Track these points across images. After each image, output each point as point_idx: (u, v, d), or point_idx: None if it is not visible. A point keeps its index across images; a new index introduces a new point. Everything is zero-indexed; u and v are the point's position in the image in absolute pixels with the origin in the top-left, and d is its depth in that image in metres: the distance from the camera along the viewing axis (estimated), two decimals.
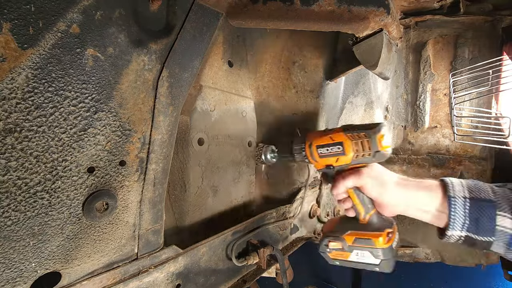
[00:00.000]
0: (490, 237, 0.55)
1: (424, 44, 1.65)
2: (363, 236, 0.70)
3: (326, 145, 0.72)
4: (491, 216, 0.54)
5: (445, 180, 0.62)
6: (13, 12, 0.42)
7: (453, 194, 0.58)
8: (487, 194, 0.56)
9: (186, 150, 0.85)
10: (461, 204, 0.56)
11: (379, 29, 0.73)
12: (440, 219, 0.61)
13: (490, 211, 0.54)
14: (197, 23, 0.67)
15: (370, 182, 0.65)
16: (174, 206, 0.89)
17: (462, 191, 0.58)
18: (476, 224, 0.55)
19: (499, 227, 0.53)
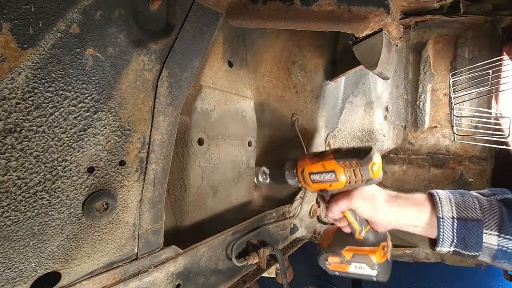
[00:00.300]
0: (476, 252, 0.59)
1: (424, 44, 1.65)
2: (361, 252, 0.76)
3: (319, 172, 0.73)
4: (478, 235, 0.58)
5: (433, 197, 0.64)
6: (13, 12, 0.42)
7: (441, 215, 0.61)
8: (474, 212, 0.59)
9: (186, 150, 0.85)
10: (449, 225, 0.60)
11: (379, 29, 0.73)
12: (430, 233, 0.65)
13: (477, 230, 0.58)
14: (197, 23, 0.67)
15: (361, 204, 0.70)
16: (174, 206, 0.89)
17: (450, 210, 0.61)
18: (463, 242, 0.60)
19: (485, 244, 0.57)
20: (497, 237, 0.56)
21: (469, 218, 0.59)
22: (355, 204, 0.70)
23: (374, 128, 1.57)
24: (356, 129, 1.50)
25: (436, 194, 0.64)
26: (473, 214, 0.59)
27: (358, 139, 1.54)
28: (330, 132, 1.30)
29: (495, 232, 0.56)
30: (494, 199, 0.60)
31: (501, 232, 0.56)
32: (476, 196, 0.62)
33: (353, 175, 0.68)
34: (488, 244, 0.57)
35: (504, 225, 0.55)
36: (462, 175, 1.56)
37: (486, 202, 0.59)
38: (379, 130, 1.61)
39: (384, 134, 1.66)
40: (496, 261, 0.59)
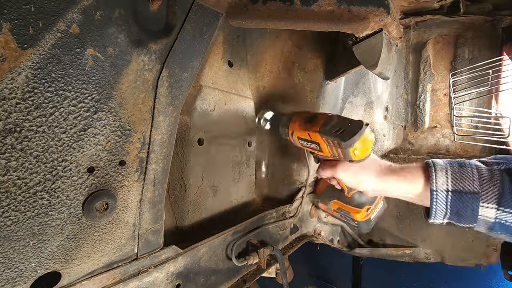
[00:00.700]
0: (471, 224, 0.56)
1: (424, 44, 1.65)
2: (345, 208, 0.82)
3: (305, 139, 0.74)
4: (474, 208, 0.54)
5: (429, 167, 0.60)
6: (13, 12, 0.42)
7: (435, 187, 0.57)
8: (472, 183, 0.55)
9: (186, 150, 0.85)
10: (443, 198, 0.56)
11: (379, 29, 0.73)
12: (422, 202, 0.62)
13: (472, 203, 0.54)
14: (197, 23, 0.67)
15: (344, 177, 0.71)
16: (174, 206, 0.89)
17: (445, 182, 0.56)
18: (457, 215, 0.56)
19: (481, 216, 0.54)
20: (496, 210, 0.53)
21: (464, 190, 0.55)
22: (338, 175, 0.71)
23: (374, 128, 1.57)
24: None
25: (432, 165, 0.59)
26: (470, 186, 0.55)
27: None
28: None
29: (493, 205, 0.53)
30: (497, 168, 0.55)
31: (500, 205, 0.52)
32: (476, 166, 0.57)
33: (335, 152, 0.67)
34: (484, 217, 0.54)
35: (504, 198, 0.52)
36: None
37: (486, 173, 0.55)
38: (379, 130, 1.61)
39: (384, 134, 1.66)
40: (492, 232, 0.56)
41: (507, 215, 0.52)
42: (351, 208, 0.82)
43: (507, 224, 0.52)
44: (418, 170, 0.62)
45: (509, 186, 0.52)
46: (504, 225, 0.53)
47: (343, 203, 0.84)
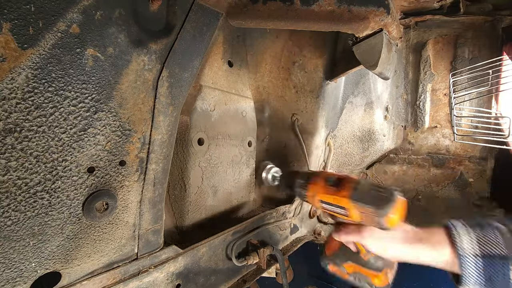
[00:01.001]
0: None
1: (424, 44, 1.65)
2: (362, 272, 0.73)
3: (330, 203, 0.69)
4: (506, 273, 0.53)
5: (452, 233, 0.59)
6: (13, 12, 0.42)
7: (463, 252, 0.56)
8: (499, 247, 0.54)
9: (186, 150, 0.85)
10: (473, 264, 0.55)
11: (379, 29, 0.73)
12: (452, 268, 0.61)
13: (504, 269, 0.53)
14: (197, 23, 0.67)
15: (372, 243, 0.67)
16: (174, 206, 0.89)
17: (472, 248, 0.56)
18: (490, 281, 0.55)
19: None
20: None
21: (494, 255, 0.54)
22: (365, 242, 0.67)
23: (374, 128, 1.57)
24: (356, 129, 1.50)
25: (454, 228, 0.58)
26: (498, 250, 0.54)
27: (358, 139, 1.54)
28: (330, 132, 1.30)
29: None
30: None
31: None
32: (497, 227, 0.57)
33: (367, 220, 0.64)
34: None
35: None
36: (462, 175, 1.56)
37: (509, 235, 0.55)
38: (379, 130, 1.61)
39: (384, 134, 1.66)
40: None
41: None
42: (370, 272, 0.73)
43: None
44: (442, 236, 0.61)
45: None
46: None
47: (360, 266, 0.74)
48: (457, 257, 0.56)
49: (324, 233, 1.46)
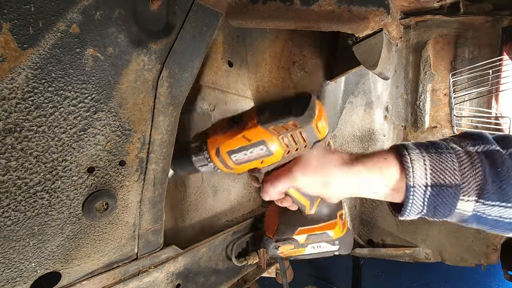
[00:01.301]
0: (444, 218, 0.50)
1: (424, 44, 1.65)
2: (317, 231, 0.61)
3: (242, 148, 0.51)
4: (452, 202, 0.47)
5: (403, 157, 0.49)
6: (13, 12, 0.42)
7: (413, 183, 0.47)
8: (453, 175, 0.46)
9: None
10: (421, 194, 0.48)
11: (379, 29, 0.73)
12: (393, 198, 0.52)
13: (452, 197, 0.47)
14: (197, 23, 0.67)
15: (307, 181, 0.53)
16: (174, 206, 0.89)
17: (424, 176, 0.47)
18: (434, 211, 0.49)
19: (458, 210, 0.48)
20: (475, 202, 0.46)
21: (445, 184, 0.46)
22: (299, 181, 0.53)
23: (374, 128, 1.57)
24: (356, 129, 1.50)
25: (407, 155, 0.48)
26: (451, 179, 0.46)
27: (358, 139, 1.54)
28: (330, 132, 1.30)
29: (473, 198, 0.46)
30: (475, 151, 0.47)
31: (480, 197, 0.45)
32: (454, 150, 0.48)
33: (292, 141, 0.50)
34: (462, 211, 0.47)
35: (486, 190, 0.45)
36: None
37: (466, 159, 0.47)
38: (379, 130, 1.61)
39: (384, 134, 1.66)
40: (464, 223, 0.50)
41: (487, 208, 0.46)
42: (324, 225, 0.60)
43: (483, 216, 0.47)
44: (390, 158, 0.51)
45: (490, 174, 0.45)
46: (480, 217, 0.47)
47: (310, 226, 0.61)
48: (404, 185, 0.48)
49: None
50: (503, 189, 0.44)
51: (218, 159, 0.53)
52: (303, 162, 0.53)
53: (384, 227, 1.73)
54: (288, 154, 0.52)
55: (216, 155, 0.53)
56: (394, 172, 0.50)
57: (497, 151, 0.46)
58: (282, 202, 0.61)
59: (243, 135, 0.50)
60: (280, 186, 0.55)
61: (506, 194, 0.44)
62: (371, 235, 1.77)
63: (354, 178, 0.52)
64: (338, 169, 0.52)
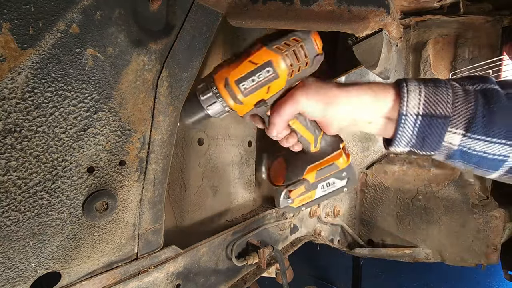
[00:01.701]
0: (432, 152, 0.51)
1: (424, 44, 1.65)
2: (325, 165, 0.62)
3: (250, 73, 0.51)
4: (441, 134, 0.48)
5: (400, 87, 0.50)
6: (13, 12, 0.42)
7: (405, 111, 0.49)
8: (444, 106, 0.48)
9: (186, 150, 0.85)
10: (411, 123, 0.49)
11: (379, 29, 0.73)
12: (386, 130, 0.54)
13: (441, 129, 0.48)
14: (197, 23, 0.67)
15: (310, 103, 0.53)
16: (174, 206, 0.89)
17: (417, 105, 0.48)
18: (422, 142, 0.50)
19: (445, 143, 0.49)
20: (462, 136, 0.47)
21: (436, 114, 0.48)
22: (303, 104, 0.54)
23: None
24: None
25: (405, 85, 0.50)
26: (442, 110, 0.47)
27: (358, 139, 1.54)
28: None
29: (460, 131, 0.47)
30: (473, 89, 0.48)
31: (467, 131, 0.47)
32: (452, 86, 0.49)
33: (295, 58, 0.52)
34: (448, 144, 0.48)
35: (474, 123, 0.46)
36: (462, 175, 1.56)
37: (461, 94, 0.48)
38: None
39: None
40: (450, 160, 0.51)
41: (472, 142, 0.47)
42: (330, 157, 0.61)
43: (469, 151, 0.48)
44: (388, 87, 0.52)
45: (482, 109, 0.46)
46: (465, 153, 0.48)
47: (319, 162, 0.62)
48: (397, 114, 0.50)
49: (324, 233, 1.46)
50: (490, 123, 0.46)
51: (227, 91, 0.53)
52: (305, 86, 0.55)
53: (384, 227, 1.73)
54: (292, 76, 0.53)
55: (225, 87, 0.52)
56: (389, 98, 0.51)
57: (494, 90, 0.48)
58: (288, 139, 0.61)
59: (249, 60, 0.52)
60: (286, 113, 0.55)
61: (492, 129, 0.46)
62: (371, 235, 1.77)
63: (352, 98, 0.53)
64: (337, 90, 0.54)
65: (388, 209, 1.71)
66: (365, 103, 0.52)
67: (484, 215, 1.48)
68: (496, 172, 0.50)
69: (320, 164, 0.62)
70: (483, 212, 1.48)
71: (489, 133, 0.46)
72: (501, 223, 1.47)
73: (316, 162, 0.63)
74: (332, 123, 0.57)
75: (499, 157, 0.47)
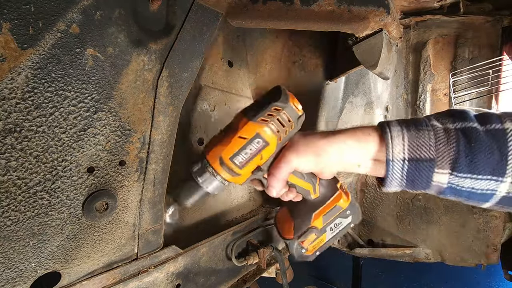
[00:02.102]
0: (424, 190, 0.54)
1: (424, 44, 1.65)
2: (328, 209, 0.65)
3: (242, 148, 0.54)
4: (428, 175, 0.52)
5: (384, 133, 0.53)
6: (13, 12, 0.42)
7: (391, 157, 0.52)
8: (428, 150, 0.51)
9: (186, 150, 0.85)
10: (399, 167, 0.53)
11: (379, 29, 0.73)
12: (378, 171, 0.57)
13: (428, 171, 0.51)
14: (197, 23, 0.67)
15: (301, 158, 0.57)
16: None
17: (402, 151, 0.52)
18: (412, 183, 0.54)
19: (434, 182, 0.52)
20: (449, 175, 0.51)
21: (421, 158, 0.51)
22: (295, 162, 0.57)
23: None
24: None
25: (388, 130, 0.53)
26: (427, 153, 0.51)
27: None
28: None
29: (446, 171, 0.50)
30: (453, 128, 0.51)
31: (453, 170, 0.50)
32: (434, 127, 0.52)
33: (280, 125, 0.55)
34: (437, 183, 0.52)
35: (458, 163, 0.49)
36: None
37: (442, 135, 0.51)
38: None
39: None
40: (442, 195, 0.55)
41: (459, 180, 0.50)
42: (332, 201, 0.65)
43: (458, 188, 0.51)
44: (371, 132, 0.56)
45: (464, 149, 0.49)
46: (455, 189, 0.52)
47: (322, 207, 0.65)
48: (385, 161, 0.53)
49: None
50: (474, 162, 0.49)
51: (223, 169, 0.55)
52: (293, 145, 0.59)
53: (384, 227, 1.73)
54: (280, 140, 0.57)
55: (220, 166, 0.55)
56: (372, 143, 0.55)
57: (473, 128, 0.50)
58: (288, 194, 0.64)
59: (239, 135, 0.54)
60: (281, 174, 0.58)
61: (476, 167, 0.49)
62: (371, 235, 1.77)
63: (338, 145, 0.57)
64: (323, 140, 0.58)
65: (388, 209, 1.71)
66: (351, 148, 0.56)
67: (484, 215, 1.48)
68: (487, 203, 0.53)
69: (323, 209, 0.65)
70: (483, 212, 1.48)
71: (474, 171, 0.49)
72: (501, 223, 1.47)
73: (320, 208, 0.65)
74: (325, 171, 0.61)
75: (488, 191, 0.50)
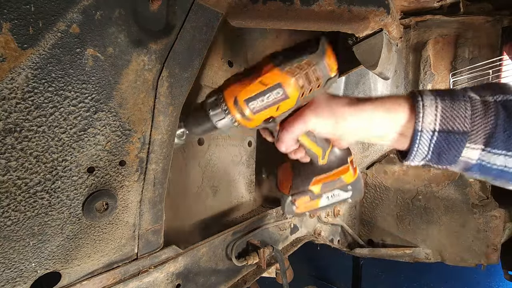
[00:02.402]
0: (448, 165, 0.50)
1: (424, 44, 1.65)
2: (331, 179, 0.62)
3: (259, 94, 0.51)
4: (458, 149, 0.46)
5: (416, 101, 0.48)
6: (13, 12, 0.42)
7: (421, 127, 0.47)
8: (462, 122, 0.46)
9: (186, 150, 0.85)
10: (427, 139, 0.47)
11: (379, 29, 0.73)
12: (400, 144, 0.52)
13: (458, 144, 0.46)
14: (197, 23, 0.67)
15: (320, 121, 0.53)
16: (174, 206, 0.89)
17: (433, 121, 0.47)
18: (438, 157, 0.49)
19: (463, 157, 0.47)
20: (481, 151, 0.46)
21: (453, 130, 0.46)
22: (312, 123, 0.53)
23: None
24: None
25: (421, 99, 0.47)
26: (460, 126, 0.46)
27: None
28: None
29: (479, 146, 0.46)
30: (493, 100, 0.46)
31: (487, 146, 0.45)
32: (471, 99, 0.47)
33: (306, 81, 0.50)
34: (466, 158, 0.47)
35: (495, 138, 0.44)
36: (462, 175, 1.56)
37: (480, 107, 0.46)
38: None
39: None
40: (468, 172, 0.50)
41: (492, 156, 0.45)
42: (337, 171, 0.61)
43: (488, 165, 0.46)
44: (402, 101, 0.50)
45: (503, 123, 0.44)
46: (484, 167, 0.47)
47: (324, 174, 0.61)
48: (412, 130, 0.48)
49: (324, 233, 1.46)
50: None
51: (236, 109, 0.52)
52: (315, 104, 0.54)
53: (384, 227, 1.73)
54: (302, 96, 0.52)
55: (234, 105, 0.52)
56: (402, 114, 0.49)
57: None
58: (296, 153, 0.61)
59: (260, 80, 0.50)
60: (295, 131, 0.55)
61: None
62: (371, 235, 1.77)
63: (363, 116, 0.52)
64: (348, 107, 0.53)
65: (388, 209, 1.71)
66: (377, 120, 0.51)
67: (484, 215, 1.48)
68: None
69: (325, 177, 0.62)
70: (483, 212, 1.48)
71: (511, 148, 0.44)
72: (501, 223, 1.47)
73: (322, 175, 0.62)
74: (342, 139, 0.57)
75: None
